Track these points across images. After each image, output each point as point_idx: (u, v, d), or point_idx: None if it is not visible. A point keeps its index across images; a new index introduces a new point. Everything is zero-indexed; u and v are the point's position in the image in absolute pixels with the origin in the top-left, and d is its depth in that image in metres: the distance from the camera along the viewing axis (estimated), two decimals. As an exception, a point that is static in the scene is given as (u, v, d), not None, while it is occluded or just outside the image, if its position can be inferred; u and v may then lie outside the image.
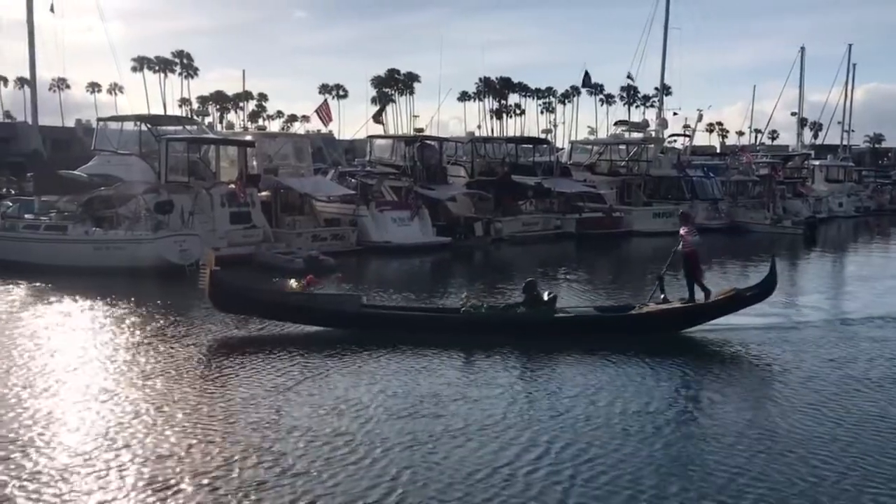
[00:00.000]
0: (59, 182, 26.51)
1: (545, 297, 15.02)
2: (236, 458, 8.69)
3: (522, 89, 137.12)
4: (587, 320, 15.38)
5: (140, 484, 8.02)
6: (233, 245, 25.91)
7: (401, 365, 12.85)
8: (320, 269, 24.16)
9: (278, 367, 12.64)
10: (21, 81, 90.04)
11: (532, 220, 36.66)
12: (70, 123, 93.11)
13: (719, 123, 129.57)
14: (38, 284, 20.62)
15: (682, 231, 16.07)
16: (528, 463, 8.69)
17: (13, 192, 50.54)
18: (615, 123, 54.42)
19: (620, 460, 8.85)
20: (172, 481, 8.11)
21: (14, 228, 25.25)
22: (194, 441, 9.25)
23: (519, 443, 9.30)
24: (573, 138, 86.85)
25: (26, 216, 26.14)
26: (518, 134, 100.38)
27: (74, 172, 27.48)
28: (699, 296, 15.50)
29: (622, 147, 46.58)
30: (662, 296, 15.81)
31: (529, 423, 10.03)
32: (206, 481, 8.08)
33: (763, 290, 15.77)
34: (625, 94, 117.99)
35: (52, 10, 27.95)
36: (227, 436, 9.46)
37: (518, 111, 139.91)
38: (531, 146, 44.73)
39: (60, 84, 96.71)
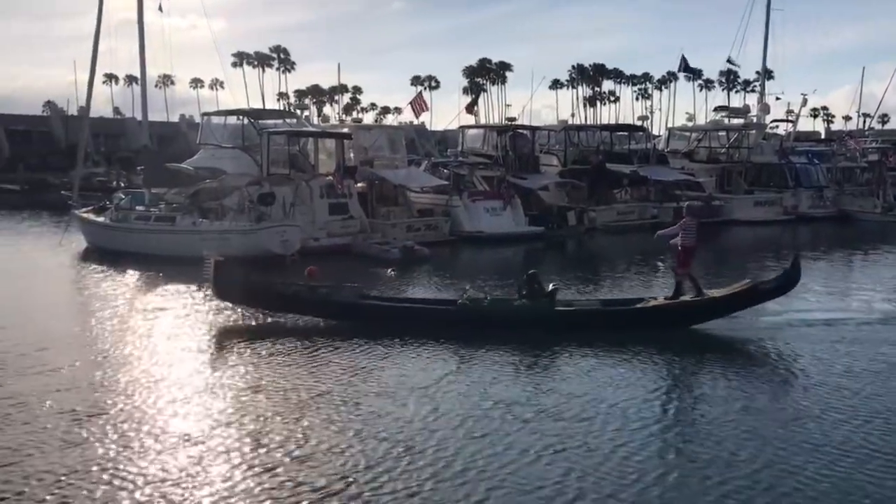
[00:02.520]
0: (168, 175, 27.74)
1: (547, 290, 14.66)
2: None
3: (617, 76, 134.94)
4: (589, 314, 14.92)
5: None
6: (331, 236, 26.59)
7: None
8: (415, 260, 24.60)
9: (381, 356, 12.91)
10: (129, 79, 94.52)
11: (627, 210, 36.07)
12: (175, 119, 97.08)
13: (824, 108, 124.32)
14: (149, 273, 21.61)
15: (684, 224, 15.24)
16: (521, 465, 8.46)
17: (123, 184, 53.18)
18: (714, 109, 53.01)
19: (626, 461, 8.57)
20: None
21: (126, 220, 26.55)
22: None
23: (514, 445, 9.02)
24: (670, 125, 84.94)
25: (137, 208, 27.39)
26: (612, 121, 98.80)
27: (181, 165, 28.68)
28: (684, 294, 14.88)
29: (722, 133, 45.22)
30: (675, 289, 15.23)
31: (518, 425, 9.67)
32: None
33: (782, 285, 14.92)
34: (724, 80, 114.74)
35: (160, 9, 29.27)
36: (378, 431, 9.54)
37: (612, 98, 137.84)
38: (626, 134, 43.94)
39: (166, 81, 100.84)
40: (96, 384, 11.20)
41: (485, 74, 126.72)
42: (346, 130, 33.28)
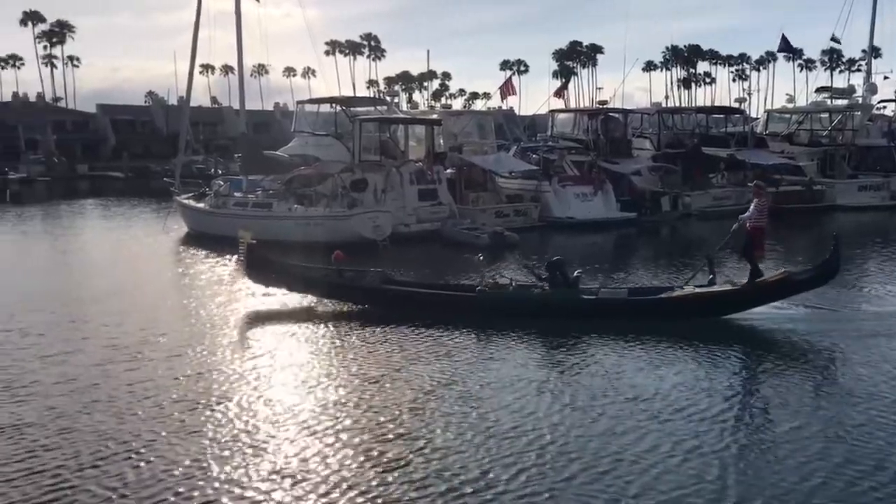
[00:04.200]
0: (264, 162, 28.55)
1: (570, 278, 14.24)
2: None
3: (713, 57, 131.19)
4: (613, 303, 14.36)
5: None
6: (421, 221, 26.85)
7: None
8: (504, 245, 24.57)
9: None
10: (226, 69, 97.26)
11: (723, 195, 35.00)
12: (269, 107, 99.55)
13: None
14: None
15: (752, 204, 14.53)
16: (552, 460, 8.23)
17: (221, 171, 54.96)
18: (817, 90, 50.77)
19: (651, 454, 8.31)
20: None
21: (225, 206, 27.46)
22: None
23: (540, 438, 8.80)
24: (769, 107, 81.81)
25: (235, 194, 28.28)
26: (708, 103, 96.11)
27: (277, 153, 29.44)
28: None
29: (824, 115, 43.31)
30: (710, 277, 14.51)
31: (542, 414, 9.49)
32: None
33: (819, 275, 14.12)
34: (827, 59, 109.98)
35: (257, 0, 30.03)
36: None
37: (708, 80, 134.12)
38: (723, 116, 42.81)
39: (261, 70, 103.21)
40: (212, 371, 11.39)
41: (575, 57, 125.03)
42: (435, 117, 33.46)
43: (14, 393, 10.32)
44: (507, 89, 39.75)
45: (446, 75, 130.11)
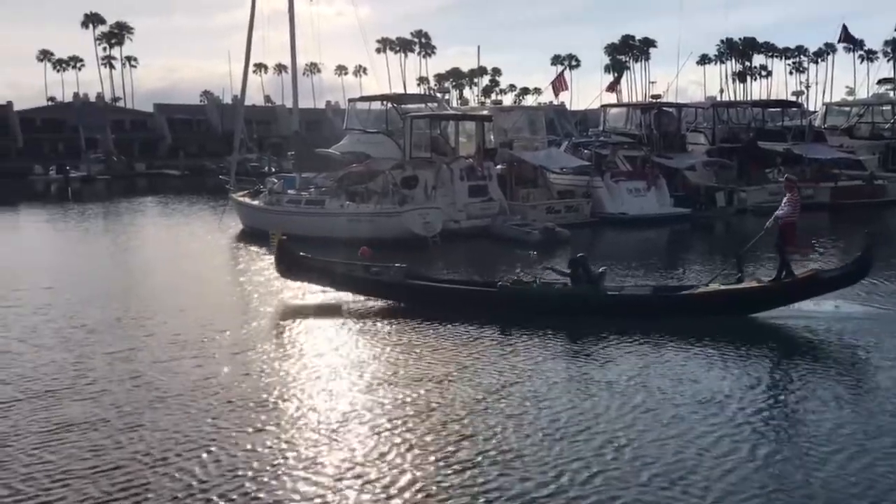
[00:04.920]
0: (317, 160, 28.92)
1: (594, 275, 14.06)
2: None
3: (769, 49, 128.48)
4: (636, 300, 14.23)
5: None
6: (471, 218, 26.83)
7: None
8: (556, 241, 24.45)
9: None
10: (279, 68, 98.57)
11: (780, 190, 34.05)
12: (321, 105, 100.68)
13: None
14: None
15: (784, 200, 14.26)
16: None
17: (274, 169, 55.82)
18: (878, 82, 50.04)
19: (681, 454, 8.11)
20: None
21: (279, 203, 27.84)
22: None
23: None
24: (828, 100, 79.93)
25: (289, 191, 28.67)
26: (764, 97, 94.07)
27: (329, 150, 29.74)
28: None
29: (886, 108, 42.22)
30: (739, 275, 14.20)
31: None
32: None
33: (849, 273, 13.64)
34: (889, 50, 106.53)
35: (310, -1, 30.39)
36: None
37: (764, 73, 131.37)
38: (779, 110, 41.98)
39: (313, 68, 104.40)
40: (272, 367, 11.41)
41: (627, 51, 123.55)
42: (486, 113, 33.40)
43: (81, 390, 10.47)
44: (559, 84, 39.55)
45: (496, 71, 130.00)
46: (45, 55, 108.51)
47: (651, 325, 13.03)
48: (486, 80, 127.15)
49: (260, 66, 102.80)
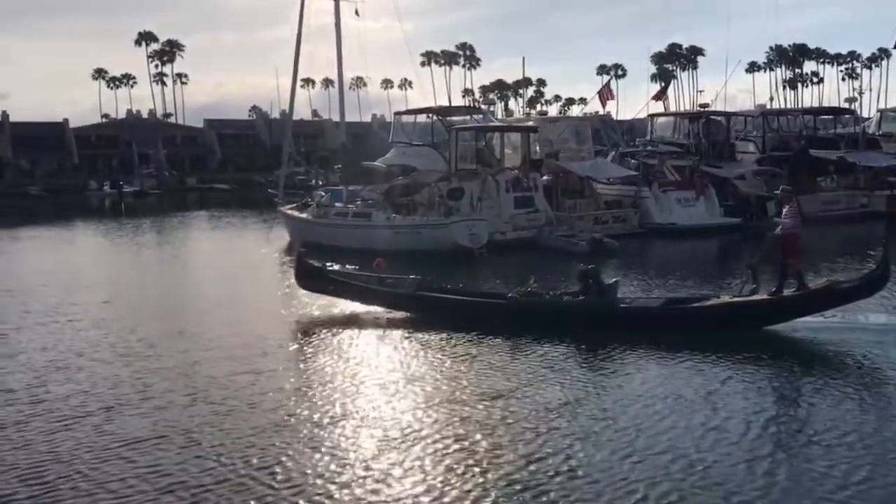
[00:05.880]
0: (363, 173, 29.17)
1: (603, 287, 13.86)
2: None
3: (820, 55, 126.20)
4: (645, 312, 14.07)
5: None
6: (517, 229, 26.76)
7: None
8: (604, 252, 24.23)
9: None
10: (326, 82, 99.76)
11: (833, 199, 33.54)
12: (367, 118, 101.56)
13: None
14: (348, 266, 22.71)
15: (783, 211, 14.13)
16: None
17: (321, 182, 56.42)
18: (935, 86, 48.10)
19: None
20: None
21: (326, 215, 28.13)
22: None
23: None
24: (882, 106, 77.97)
25: (336, 204, 28.93)
26: (816, 104, 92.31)
27: (375, 163, 29.98)
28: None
29: (944, 113, 41.08)
30: (753, 286, 13.80)
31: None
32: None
33: (865, 285, 13.17)
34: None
35: (356, 13, 30.76)
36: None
37: (815, 80, 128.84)
38: (832, 117, 41.03)
39: (358, 82, 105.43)
40: (330, 383, 11.41)
41: (674, 60, 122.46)
42: (531, 124, 33.34)
43: (140, 405, 10.50)
44: (605, 94, 39.24)
45: (541, 82, 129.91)
46: (99, 73, 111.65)
47: (673, 338, 12.80)
48: (531, 91, 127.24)
49: (308, 81, 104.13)
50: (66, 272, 24.76)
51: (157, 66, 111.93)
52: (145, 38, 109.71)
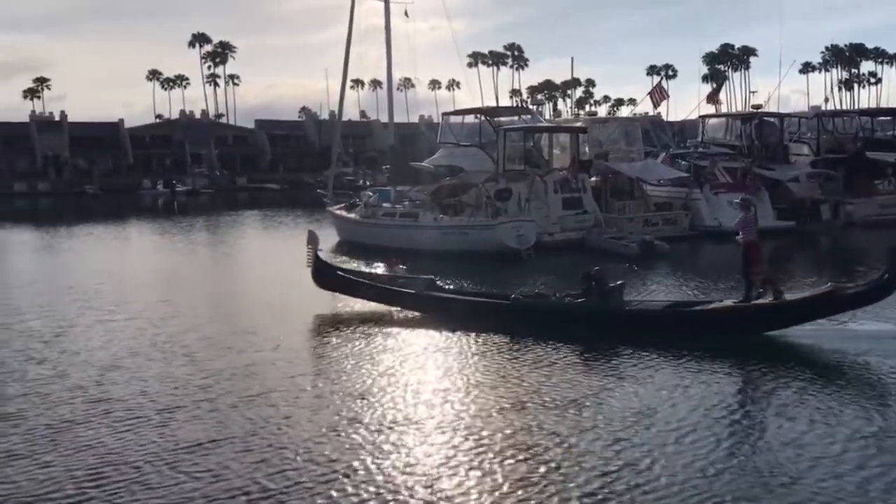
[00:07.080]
0: (411, 173, 29.32)
1: (605, 289, 13.78)
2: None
3: (878, 55, 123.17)
4: (645, 315, 14.09)
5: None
6: (565, 230, 26.65)
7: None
8: (655, 255, 23.98)
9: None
10: (374, 84, 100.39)
11: (890, 202, 32.62)
12: (414, 119, 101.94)
13: None
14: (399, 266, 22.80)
15: (741, 219, 14.19)
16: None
17: (369, 183, 56.89)
18: None
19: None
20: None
21: (374, 216, 28.37)
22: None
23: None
24: (943, 106, 75.67)
25: (384, 205, 29.15)
26: (873, 105, 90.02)
27: (423, 164, 30.12)
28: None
29: None
30: (758, 292, 13.56)
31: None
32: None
33: (871, 290, 12.72)
34: None
35: (406, 14, 30.95)
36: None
37: (873, 80, 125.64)
38: (890, 119, 39.95)
39: (406, 83, 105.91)
40: (389, 389, 11.22)
41: (726, 60, 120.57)
42: (580, 124, 33.15)
43: (202, 407, 10.47)
44: (658, 94, 38.80)
45: (590, 82, 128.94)
46: (153, 74, 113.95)
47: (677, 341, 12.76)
48: (579, 92, 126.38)
49: (357, 82, 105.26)
50: (123, 271, 25.26)
51: (209, 68, 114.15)
52: (199, 39, 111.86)
